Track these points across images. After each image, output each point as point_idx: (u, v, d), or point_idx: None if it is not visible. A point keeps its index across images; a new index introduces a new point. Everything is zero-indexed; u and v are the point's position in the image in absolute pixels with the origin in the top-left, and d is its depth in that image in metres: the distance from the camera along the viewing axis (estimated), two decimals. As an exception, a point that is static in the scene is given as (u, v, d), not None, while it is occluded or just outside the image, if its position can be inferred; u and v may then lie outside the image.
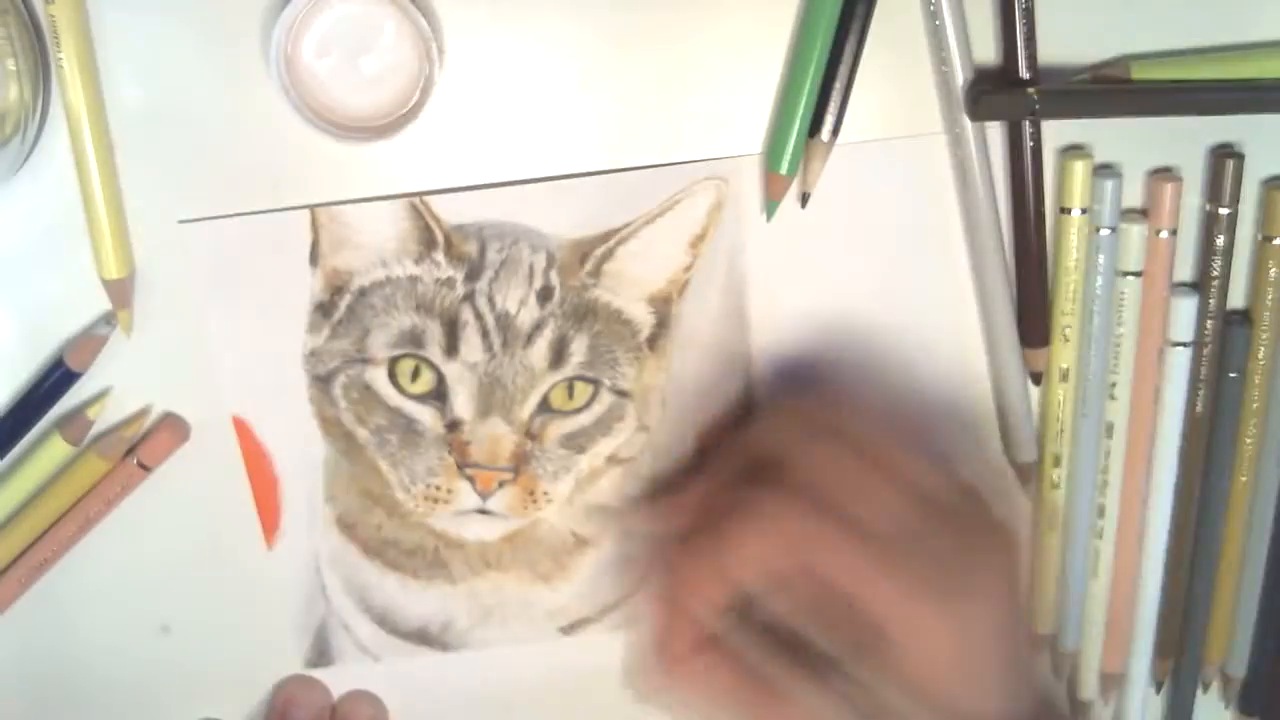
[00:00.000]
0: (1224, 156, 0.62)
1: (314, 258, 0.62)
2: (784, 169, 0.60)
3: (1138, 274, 0.63)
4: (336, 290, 0.62)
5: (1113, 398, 0.65)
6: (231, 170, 0.60)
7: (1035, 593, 0.70)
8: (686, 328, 0.64)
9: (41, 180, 0.60)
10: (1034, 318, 0.64)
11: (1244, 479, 0.67)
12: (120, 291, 0.61)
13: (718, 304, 0.64)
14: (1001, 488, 0.68)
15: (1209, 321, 0.64)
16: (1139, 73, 0.60)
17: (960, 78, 0.60)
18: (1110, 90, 0.60)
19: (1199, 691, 0.73)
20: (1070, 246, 0.62)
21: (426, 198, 0.61)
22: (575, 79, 0.60)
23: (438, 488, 0.65)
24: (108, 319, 0.62)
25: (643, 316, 0.64)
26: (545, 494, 0.66)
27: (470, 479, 0.65)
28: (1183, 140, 0.62)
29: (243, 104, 0.59)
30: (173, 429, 0.64)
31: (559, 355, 0.63)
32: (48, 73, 0.58)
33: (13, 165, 0.58)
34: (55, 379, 0.62)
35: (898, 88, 0.61)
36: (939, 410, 0.67)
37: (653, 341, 0.64)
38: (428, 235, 0.61)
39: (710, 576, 0.57)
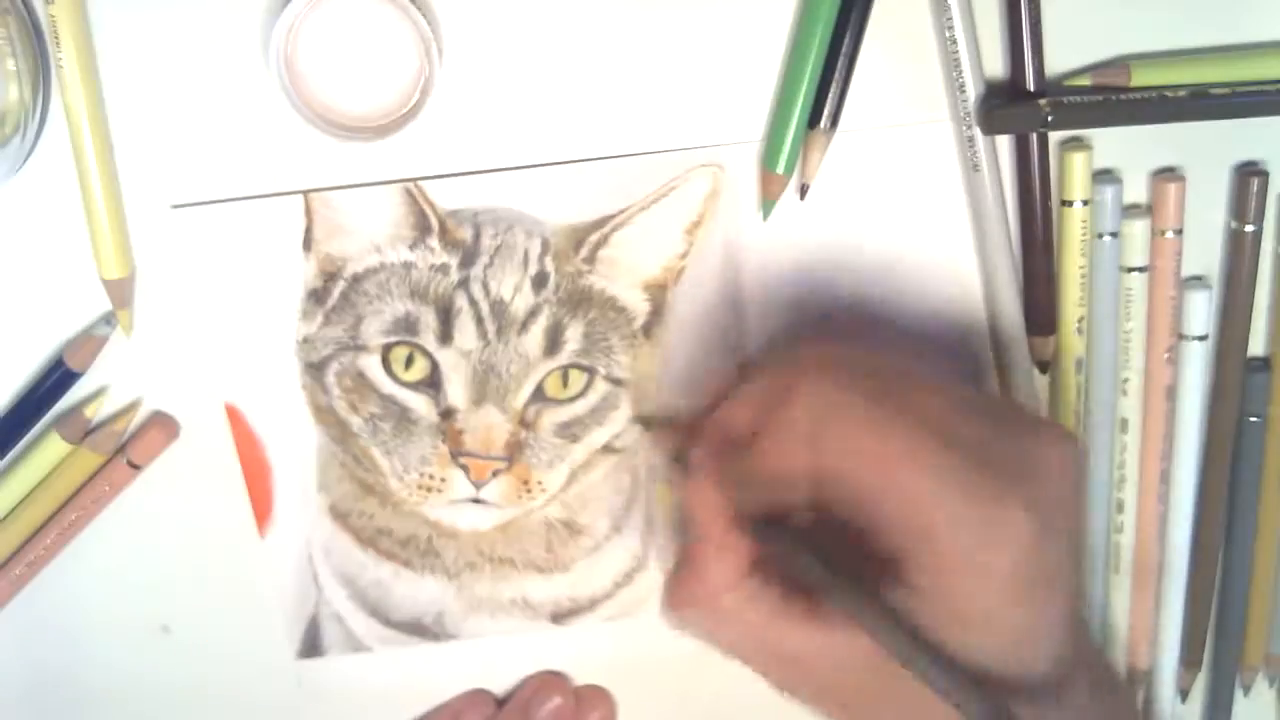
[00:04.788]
0: (1249, 175, 0.68)
1: (307, 244, 0.66)
2: (780, 168, 0.66)
3: (1143, 269, 0.69)
4: (330, 277, 0.67)
5: (1124, 393, 0.71)
6: (232, 170, 0.65)
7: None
8: (682, 316, 0.69)
9: (41, 180, 0.64)
10: (1040, 305, 0.69)
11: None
12: (120, 291, 0.65)
13: (714, 292, 0.69)
14: None
15: (1235, 321, 0.70)
16: (1139, 74, 0.65)
17: (968, 65, 0.65)
18: (1121, 100, 0.64)
19: (1239, 693, 0.78)
20: (1074, 239, 0.68)
21: (421, 183, 0.66)
22: (574, 69, 0.65)
23: (431, 476, 0.70)
24: (108, 319, 0.66)
25: (638, 304, 0.69)
26: (539, 483, 0.71)
27: (464, 468, 0.70)
28: (1185, 137, 0.68)
29: (243, 104, 0.64)
30: (162, 427, 0.69)
31: (554, 342, 0.68)
32: (48, 73, 0.62)
33: (13, 165, 0.62)
34: (55, 379, 0.67)
35: (900, 76, 0.66)
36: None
37: (648, 329, 0.69)
38: (422, 221, 0.66)
39: (732, 491, 0.60)
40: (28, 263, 0.66)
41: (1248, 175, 0.68)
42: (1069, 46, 0.66)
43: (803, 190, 0.67)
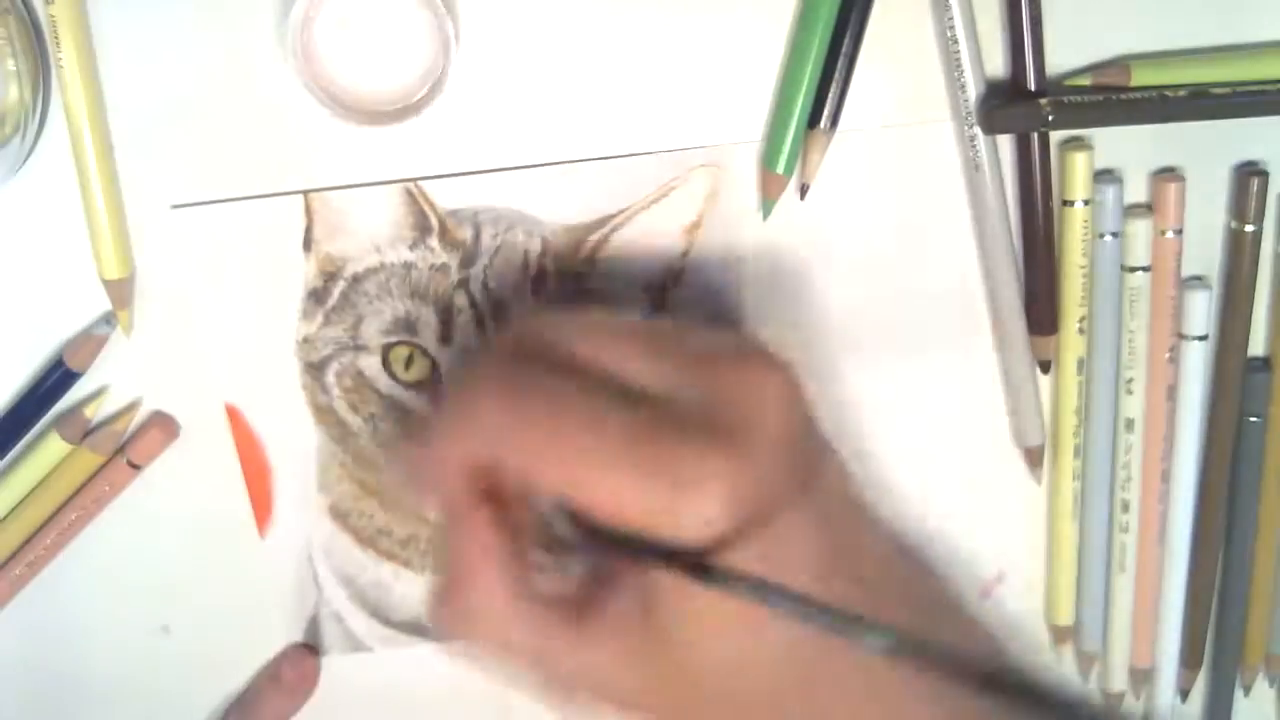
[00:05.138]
0: (1249, 175, 0.68)
1: (307, 244, 0.67)
2: (780, 168, 0.66)
3: (1146, 269, 0.69)
4: (330, 277, 0.67)
5: (1129, 392, 0.71)
6: (232, 170, 0.65)
7: (1051, 583, 0.76)
8: (682, 316, 0.69)
9: (41, 180, 0.64)
10: (1041, 305, 0.69)
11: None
12: (120, 291, 0.65)
13: (714, 292, 0.69)
14: None
15: (1236, 321, 0.70)
16: (1139, 74, 0.65)
17: (968, 64, 0.65)
18: (1122, 100, 0.65)
19: (1239, 693, 0.79)
20: (1075, 239, 0.68)
21: (421, 183, 0.66)
22: (574, 69, 0.65)
23: (431, 478, 0.72)
24: (107, 319, 0.67)
25: (638, 304, 0.69)
26: (539, 483, 0.72)
27: (464, 468, 0.71)
28: (1186, 137, 0.68)
29: (243, 103, 0.64)
30: (162, 428, 0.69)
31: (553, 344, 0.70)
32: (48, 73, 0.62)
33: (13, 165, 0.62)
34: (55, 379, 0.67)
35: (900, 76, 0.66)
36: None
37: (648, 330, 0.70)
38: (422, 221, 0.67)
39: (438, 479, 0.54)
40: (28, 263, 0.67)
41: (1248, 175, 0.68)
42: (1069, 46, 0.66)
43: (803, 190, 0.68)
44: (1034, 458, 0.74)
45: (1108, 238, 0.68)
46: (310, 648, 0.76)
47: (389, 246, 0.67)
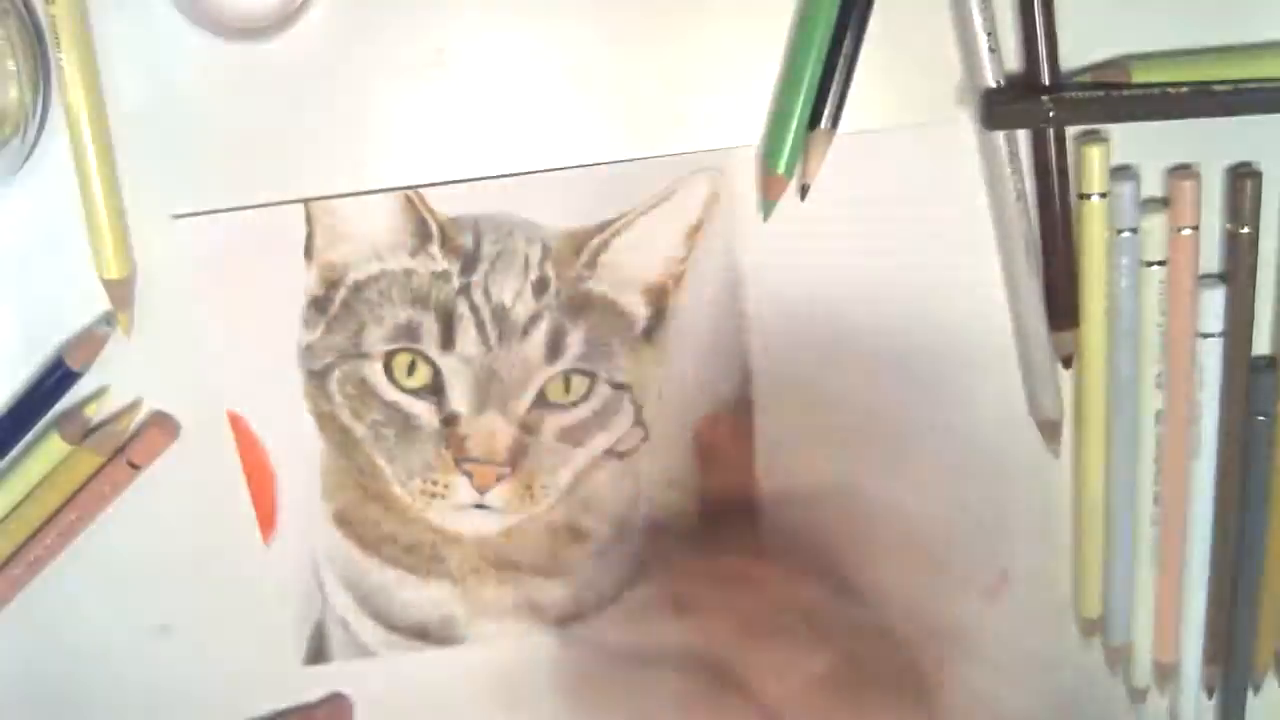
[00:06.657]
0: (1243, 177, 0.68)
1: (309, 252, 0.67)
2: (781, 169, 0.66)
3: (1163, 263, 0.68)
4: (331, 284, 0.67)
5: (1158, 386, 0.71)
6: (231, 169, 0.65)
7: (1079, 577, 0.76)
8: (683, 320, 0.69)
9: (41, 180, 0.64)
10: (1061, 301, 0.69)
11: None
12: (120, 291, 0.65)
13: (715, 296, 0.69)
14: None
15: (1238, 321, 0.70)
16: (1139, 73, 0.65)
17: (986, 58, 0.65)
18: (1124, 96, 0.65)
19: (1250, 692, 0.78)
20: (1096, 232, 0.67)
21: (421, 190, 0.66)
22: (572, 74, 0.65)
23: (434, 483, 0.70)
24: (108, 319, 0.67)
25: (639, 308, 0.69)
26: (543, 488, 0.71)
27: (467, 474, 0.70)
28: (1197, 135, 0.67)
29: (242, 102, 0.64)
30: (162, 427, 0.69)
31: (555, 348, 0.69)
32: (48, 73, 0.62)
33: (13, 165, 0.63)
34: (55, 379, 0.67)
35: (901, 75, 0.66)
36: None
37: (649, 334, 0.69)
38: (423, 228, 0.67)
39: None
40: (28, 263, 0.66)
41: (1241, 177, 0.68)
42: (1070, 47, 0.66)
43: (803, 191, 0.67)
44: (1050, 432, 0.73)
45: (1126, 233, 0.68)
46: (346, 699, 0.76)
47: (390, 254, 0.68)
